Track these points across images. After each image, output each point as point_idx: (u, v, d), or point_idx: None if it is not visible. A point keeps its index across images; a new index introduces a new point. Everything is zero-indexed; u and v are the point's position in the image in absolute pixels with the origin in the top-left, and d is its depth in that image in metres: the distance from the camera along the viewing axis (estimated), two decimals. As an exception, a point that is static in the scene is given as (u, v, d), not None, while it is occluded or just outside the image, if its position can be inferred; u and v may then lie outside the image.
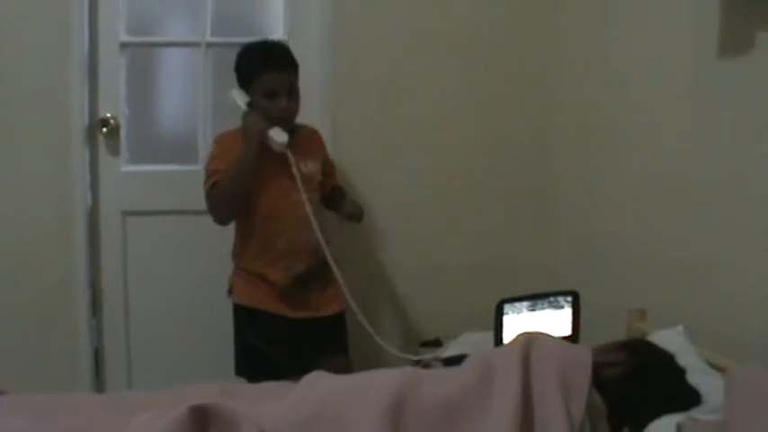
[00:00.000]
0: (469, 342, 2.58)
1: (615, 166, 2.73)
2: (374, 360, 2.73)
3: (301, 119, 2.64)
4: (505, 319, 2.22)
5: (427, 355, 2.60)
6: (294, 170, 2.48)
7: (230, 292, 2.67)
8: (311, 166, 2.61)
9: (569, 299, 2.29)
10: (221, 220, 2.56)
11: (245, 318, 2.62)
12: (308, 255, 2.55)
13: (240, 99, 2.55)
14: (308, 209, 2.48)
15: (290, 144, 2.48)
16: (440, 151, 3.00)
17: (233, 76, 2.56)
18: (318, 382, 1.83)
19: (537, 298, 2.27)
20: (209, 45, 2.98)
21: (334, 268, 2.49)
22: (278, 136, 2.46)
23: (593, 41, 2.90)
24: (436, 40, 3.04)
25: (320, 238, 2.48)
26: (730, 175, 2.11)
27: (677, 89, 2.35)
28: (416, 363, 2.54)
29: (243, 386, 2.02)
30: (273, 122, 2.48)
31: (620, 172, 2.68)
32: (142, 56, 3.02)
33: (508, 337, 2.15)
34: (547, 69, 3.10)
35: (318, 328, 2.62)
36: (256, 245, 2.57)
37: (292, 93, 2.52)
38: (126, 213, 2.99)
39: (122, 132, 2.96)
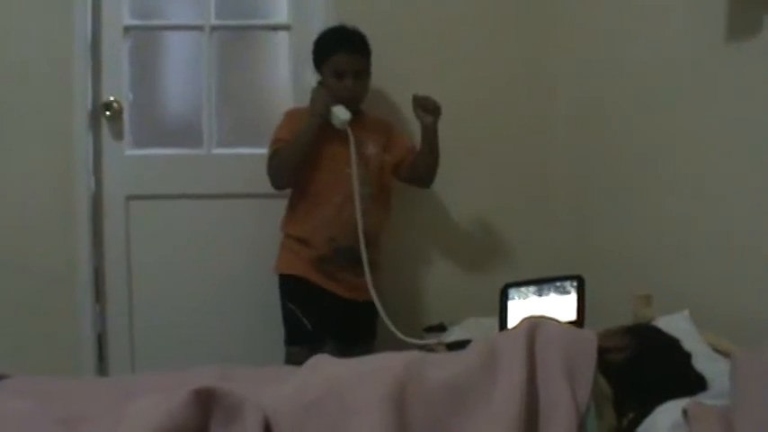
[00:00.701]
0: (474, 327, 2.57)
1: (619, 149, 2.71)
2: (378, 345, 2.74)
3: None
4: (510, 303, 2.22)
5: (432, 339, 2.60)
6: (351, 146, 2.59)
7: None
8: (371, 149, 2.72)
9: (575, 283, 2.28)
10: (277, 184, 2.71)
11: (284, 285, 2.76)
12: (352, 232, 2.59)
13: (313, 77, 2.74)
14: (356, 185, 2.57)
15: (352, 123, 2.59)
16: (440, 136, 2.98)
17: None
18: (322, 366, 1.83)
19: (542, 282, 2.26)
20: (214, 28, 2.96)
21: (363, 250, 2.57)
22: (341, 113, 2.58)
23: (594, 24, 2.87)
24: (437, 26, 3.03)
25: (358, 214, 2.56)
26: (736, 158, 2.09)
27: (682, 73, 2.33)
28: (421, 348, 2.54)
29: (242, 370, 2.02)
30: (339, 101, 2.61)
31: (625, 156, 2.66)
32: (146, 39, 3.01)
33: (513, 321, 2.14)
34: (545, 54, 3.09)
35: (352, 312, 2.71)
36: (304, 209, 2.71)
37: (360, 76, 2.67)
38: (130, 198, 2.98)
39: (126, 116, 2.95)
